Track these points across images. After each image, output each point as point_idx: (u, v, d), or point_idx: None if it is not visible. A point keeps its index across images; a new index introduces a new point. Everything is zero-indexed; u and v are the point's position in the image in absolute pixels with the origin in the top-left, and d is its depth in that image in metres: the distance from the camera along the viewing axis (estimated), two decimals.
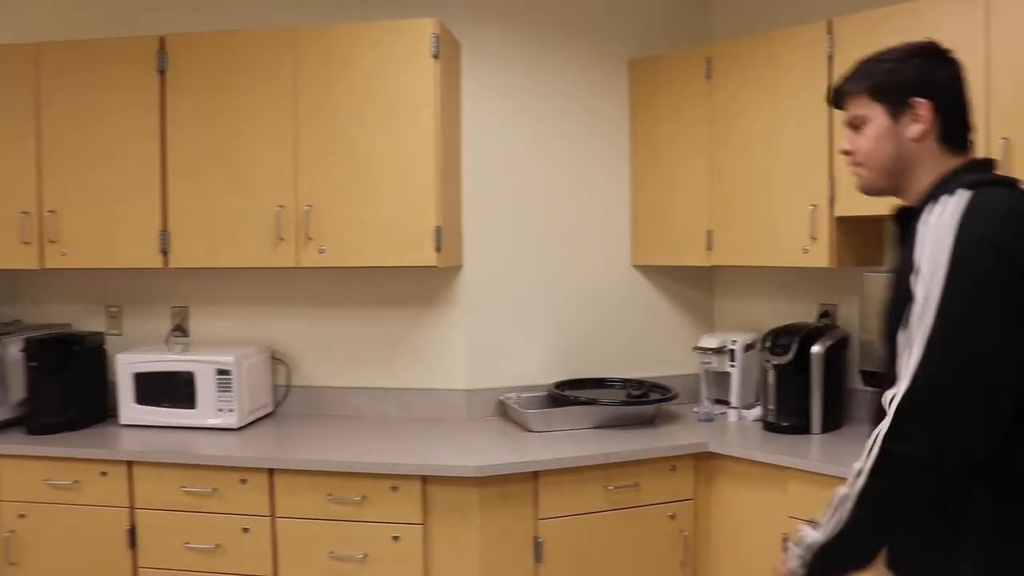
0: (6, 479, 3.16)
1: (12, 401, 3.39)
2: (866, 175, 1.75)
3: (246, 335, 3.63)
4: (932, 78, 1.67)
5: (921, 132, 1.65)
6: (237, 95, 3.21)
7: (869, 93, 1.71)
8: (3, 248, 3.43)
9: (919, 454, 1.43)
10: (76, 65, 3.36)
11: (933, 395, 1.42)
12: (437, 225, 3.08)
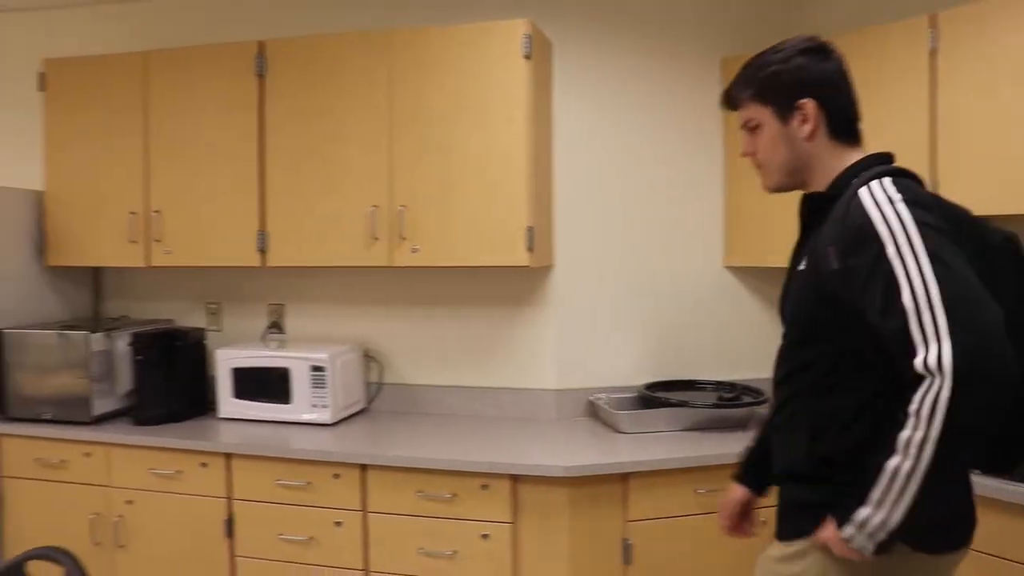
0: (116, 467, 3.29)
1: (119, 393, 3.53)
2: (769, 175, 1.83)
3: (340, 333, 3.70)
4: (815, 77, 1.73)
5: (811, 131, 1.73)
6: (333, 97, 3.27)
7: (756, 98, 1.78)
8: (113, 247, 3.58)
9: (988, 402, 1.42)
10: (181, 71, 3.47)
11: (980, 344, 1.42)
12: (529, 225, 3.09)
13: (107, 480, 3.31)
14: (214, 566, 3.16)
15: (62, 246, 3.70)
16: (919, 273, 1.48)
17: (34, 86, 3.78)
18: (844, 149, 1.75)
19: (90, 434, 3.31)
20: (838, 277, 1.59)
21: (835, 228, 1.61)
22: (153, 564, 3.26)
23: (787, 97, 1.74)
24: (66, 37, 4.08)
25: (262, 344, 3.60)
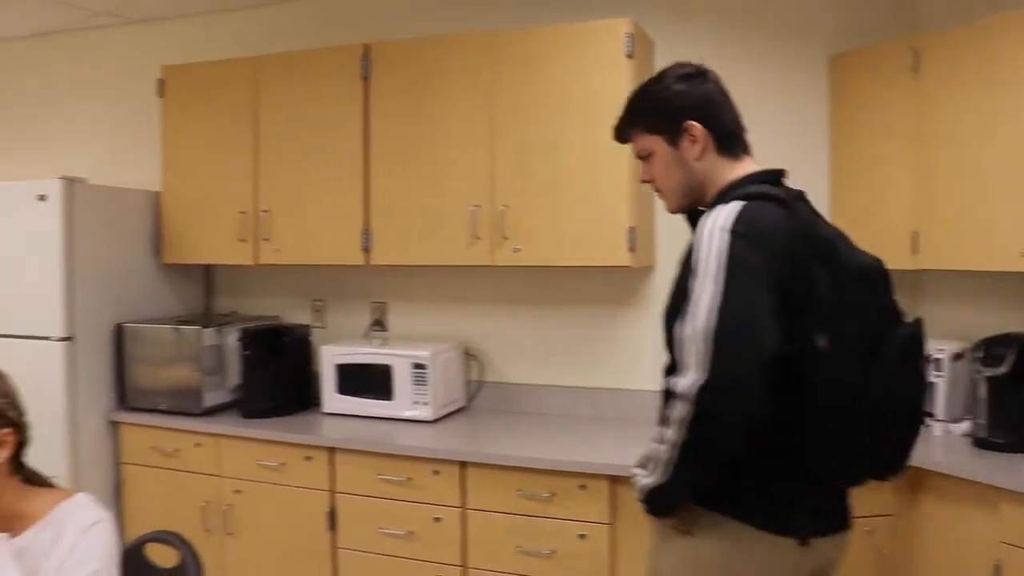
0: (225, 457, 3.41)
1: (229, 386, 3.66)
2: (669, 199, 1.96)
3: (441, 331, 3.74)
4: (696, 100, 1.87)
5: (700, 151, 1.86)
6: (436, 98, 3.32)
7: (644, 128, 1.92)
8: (223, 245, 3.71)
9: (720, 429, 1.65)
10: (289, 75, 3.58)
11: (721, 379, 1.61)
12: (631, 225, 3.07)
13: (217, 470, 3.43)
14: (317, 556, 3.25)
15: (176, 245, 3.85)
16: (706, 306, 1.64)
17: (154, 92, 3.94)
18: (732, 164, 1.88)
19: (201, 425, 3.44)
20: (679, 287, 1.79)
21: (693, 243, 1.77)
22: (260, 552, 3.36)
23: (673, 122, 1.87)
24: (183, 45, 4.24)
25: (365, 341, 3.67)
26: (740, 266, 1.64)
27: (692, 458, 1.70)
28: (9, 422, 1.72)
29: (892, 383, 1.72)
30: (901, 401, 1.75)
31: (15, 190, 3.57)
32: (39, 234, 3.49)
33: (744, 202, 1.72)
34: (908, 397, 1.77)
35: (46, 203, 3.49)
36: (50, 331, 3.51)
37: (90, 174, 3.75)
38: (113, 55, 4.53)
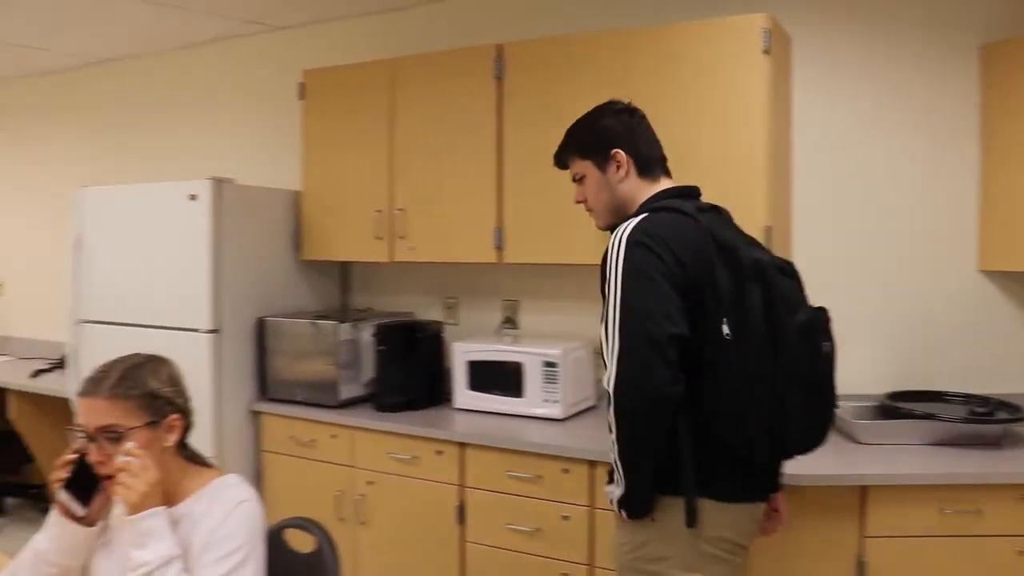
0: (359, 449, 3.50)
1: (363, 380, 3.76)
2: (598, 216, 2.29)
3: (572, 329, 3.75)
4: (620, 132, 2.21)
5: (624, 174, 2.20)
6: (569, 97, 3.31)
7: (578, 155, 2.26)
8: (360, 243, 3.82)
9: (635, 410, 1.91)
10: (424, 76, 3.65)
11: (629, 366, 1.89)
12: (767, 225, 3.00)
13: (351, 461, 3.53)
14: (446, 549, 3.30)
15: (315, 242, 3.99)
16: (614, 307, 1.96)
17: (295, 96, 4.08)
18: (651, 184, 2.21)
19: (337, 417, 3.55)
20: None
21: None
22: (390, 542, 3.44)
23: (602, 149, 2.21)
24: (323, 50, 4.39)
25: (496, 338, 3.71)
26: (637, 270, 1.94)
27: (631, 447, 1.96)
28: (177, 409, 1.84)
29: (795, 363, 1.98)
30: (806, 379, 2.00)
31: (169, 191, 3.77)
32: (190, 232, 3.67)
33: (647, 214, 2.05)
34: (812, 375, 2.01)
35: (196, 202, 3.67)
36: (199, 324, 3.69)
37: (237, 175, 3.92)
38: (258, 61, 4.73)
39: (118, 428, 1.75)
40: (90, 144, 5.70)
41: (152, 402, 1.79)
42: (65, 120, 5.84)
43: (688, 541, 2.01)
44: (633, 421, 1.92)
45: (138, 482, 1.69)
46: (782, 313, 2.00)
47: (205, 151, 5.00)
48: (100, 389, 1.77)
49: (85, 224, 4.12)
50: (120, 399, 1.76)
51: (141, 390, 1.79)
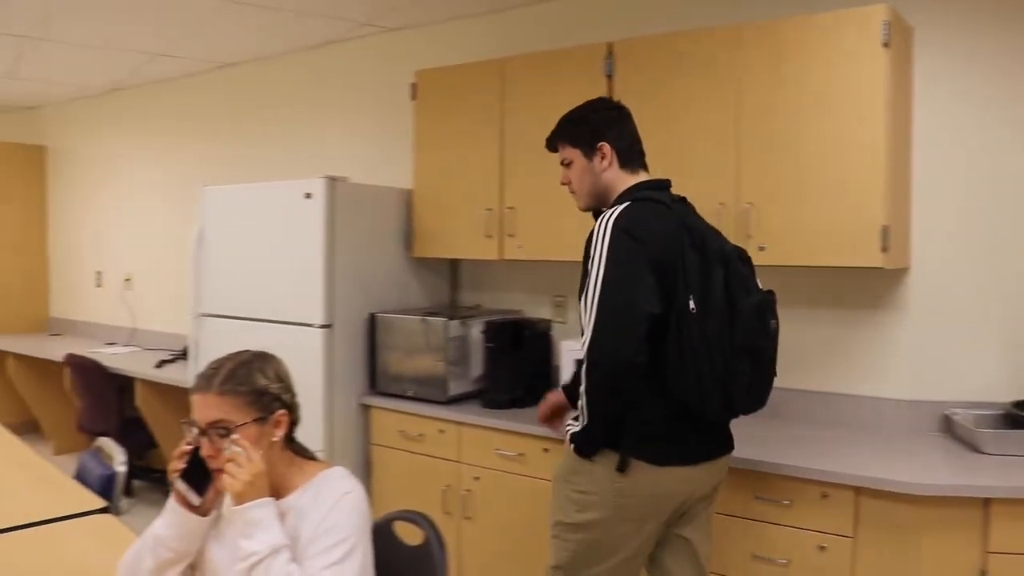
0: (466, 445, 3.54)
1: (471, 376, 3.80)
2: (580, 199, 2.58)
3: None
4: (607, 126, 2.51)
5: (607, 164, 2.49)
6: (680, 95, 3.28)
7: (569, 143, 2.54)
8: (469, 241, 3.85)
9: (604, 375, 2.26)
10: (534, 75, 3.66)
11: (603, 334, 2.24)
12: (884, 224, 2.90)
13: (458, 456, 3.57)
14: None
15: (426, 239, 4.05)
16: (595, 283, 2.27)
17: (406, 95, 4.16)
18: (630, 175, 2.51)
19: (445, 412, 3.60)
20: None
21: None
22: (495, 537, 3.47)
23: (590, 141, 2.50)
24: (434, 50, 4.45)
25: None
26: (620, 251, 2.26)
27: (597, 400, 2.31)
28: (284, 405, 1.88)
29: (746, 336, 2.29)
30: (755, 350, 2.31)
31: (285, 189, 3.89)
32: (305, 229, 3.78)
33: (630, 203, 2.37)
34: (760, 348, 2.33)
35: (311, 201, 3.77)
36: (313, 319, 3.79)
37: (350, 173, 4.01)
38: (370, 63, 4.83)
39: (227, 423, 1.80)
40: (212, 145, 5.93)
41: (260, 399, 1.84)
42: (190, 122, 6.09)
43: (609, 489, 2.35)
44: (601, 380, 2.28)
45: (242, 472, 1.74)
46: (740, 294, 2.31)
47: (320, 150, 5.14)
48: (210, 386, 1.82)
49: (206, 221, 4.28)
50: (229, 395, 1.81)
51: (249, 387, 1.83)
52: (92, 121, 7.06)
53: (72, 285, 7.41)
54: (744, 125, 3.15)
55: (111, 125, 6.86)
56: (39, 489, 2.83)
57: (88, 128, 7.12)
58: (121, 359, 5.64)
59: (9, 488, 2.87)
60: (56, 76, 6.22)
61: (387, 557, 2.02)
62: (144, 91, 6.48)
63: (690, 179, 3.23)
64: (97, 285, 7.09)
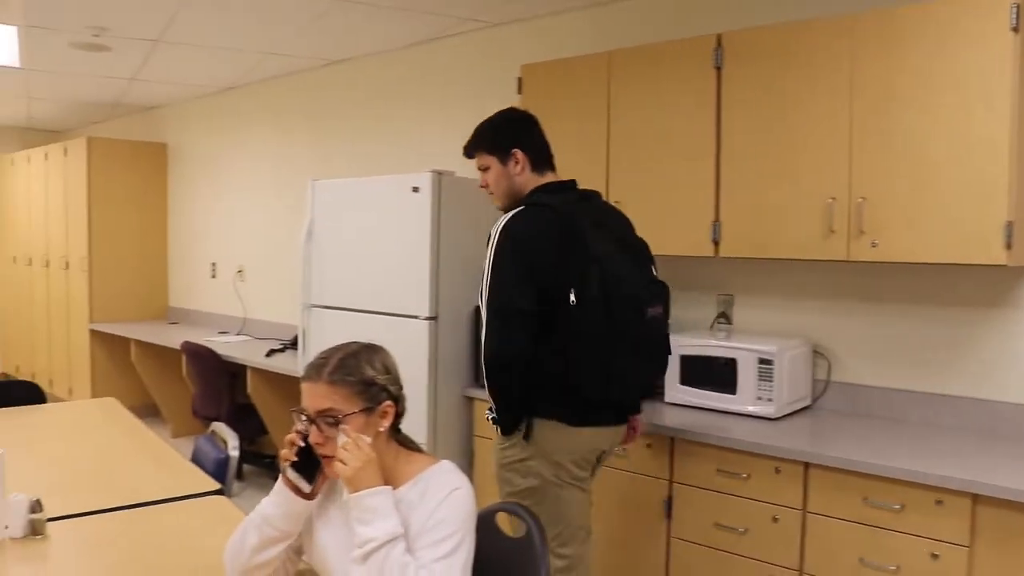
0: None
1: None
2: (498, 199, 2.87)
3: (788, 326, 3.63)
4: (521, 134, 2.84)
5: (520, 169, 2.81)
6: (791, 87, 3.21)
7: (486, 150, 2.85)
8: None
9: (498, 367, 2.64)
10: (640, 68, 3.62)
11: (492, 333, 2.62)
12: (1009, 220, 2.77)
13: None
14: (651, 542, 3.29)
15: None
16: (485, 286, 2.66)
17: (512, 90, 4.17)
18: (538, 177, 2.83)
19: None
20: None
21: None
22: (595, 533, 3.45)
23: (505, 148, 2.82)
24: (539, 44, 4.46)
25: (710, 333, 3.65)
26: (503, 254, 2.62)
27: (497, 388, 2.67)
28: (391, 396, 1.91)
29: (623, 325, 2.60)
30: (632, 337, 2.64)
31: (392, 183, 3.96)
32: (411, 222, 3.84)
33: (521, 208, 2.69)
34: (637, 335, 2.65)
35: (418, 194, 3.83)
36: (418, 311, 3.85)
37: (456, 168, 4.05)
38: (475, 58, 4.87)
39: (335, 413, 1.84)
40: (321, 140, 6.08)
41: (367, 389, 1.87)
42: (299, 118, 6.25)
43: (534, 450, 2.69)
44: (496, 371, 2.65)
45: (354, 459, 1.78)
46: (614, 287, 2.59)
47: (425, 145, 5.21)
48: (320, 375, 1.86)
49: (316, 215, 4.39)
50: (338, 385, 1.85)
51: (357, 377, 1.87)
52: (208, 119, 7.32)
53: (188, 276, 7.71)
54: (858, 117, 3.06)
55: (226, 122, 7.10)
56: (159, 470, 2.96)
57: (204, 126, 7.39)
58: (233, 347, 5.84)
59: (133, 468, 3.01)
60: (176, 77, 6.48)
61: (488, 548, 2.03)
62: (256, 89, 6.68)
63: (801, 172, 3.18)
64: (212, 276, 7.36)
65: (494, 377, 2.66)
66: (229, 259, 7.13)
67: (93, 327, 7.44)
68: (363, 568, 1.73)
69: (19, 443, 3.16)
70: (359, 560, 1.74)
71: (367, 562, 1.73)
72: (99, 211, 7.54)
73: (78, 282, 7.69)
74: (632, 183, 3.66)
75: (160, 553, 2.20)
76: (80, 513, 2.45)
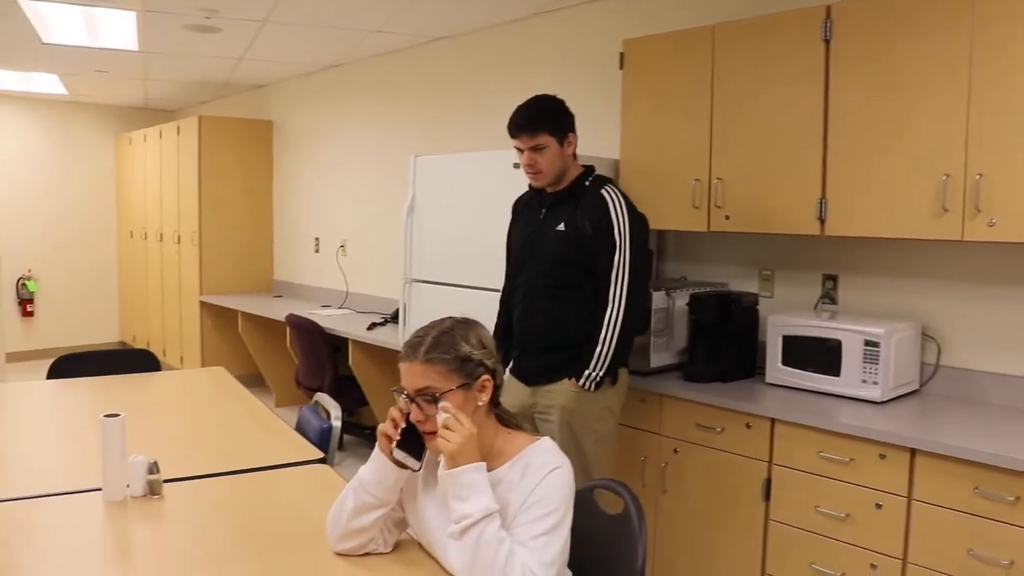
0: (666, 417, 3.52)
1: (674, 349, 3.76)
2: (544, 178, 3.20)
3: (896, 308, 3.51)
4: (573, 119, 3.24)
5: (572, 151, 3.22)
6: (904, 60, 3.08)
7: (548, 131, 3.14)
8: (676, 212, 3.80)
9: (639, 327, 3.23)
10: (746, 42, 3.54)
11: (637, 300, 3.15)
12: None
13: (657, 428, 3.56)
14: (748, 525, 3.25)
15: None
16: (624, 257, 3.07)
17: (614, 65, 4.14)
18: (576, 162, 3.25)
19: (646, 384, 3.58)
20: (590, 238, 3.11)
21: (589, 210, 3.14)
22: (691, 512, 3.44)
23: (565, 131, 3.19)
24: (642, 18, 4.40)
25: (814, 314, 3.56)
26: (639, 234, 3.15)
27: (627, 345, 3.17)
28: (488, 370, 1.93)
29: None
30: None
31: (492, 159, 3.97)
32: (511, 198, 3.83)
33: (615, 188, 3.22)
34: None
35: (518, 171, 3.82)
36: None
37: None
38: (577, 33, 4.83)
39: (433, 391, 1.86)
40: (422, 116, 6.14)
41: (464, 365, 1.89)
42: (401, 95, 6.32)
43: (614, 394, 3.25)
44: (637, 332, 3.20)
45: (455, 436, 1.79)
46: None
47: None
48: (416, 355, 1.88)
49: (417, 190, 4.45)
50: (434, 363, 1.87)
51: (453, 354, 1.88)
52: (312, 96, 7.47)
53: (293, 250, 7.91)
54: (976, 90, 2.91)
55: (329, 99, 7.24)
56: (266, 437, 3.06)
57: (308, 103, 7.54)
58: (336, 320, 5.98)
59: (241, 434, 3.12)
60: (282, 56, 6.63)
61: (586, 524, 2.04)
62: (360, 66, 6.79)
63: (912, 148, 3.07)
64: (315, 251, 7.54)
65: (630, 337, 3.13)
66: (332, 234, 7.28)
67: (203, 299, 7.72)
68: (459, 544, 1.76)
69: (137, 408, 3.31)
70: (455, 535, 1.77)
71: (463, 538, 1.75)
72: (208, 187, 7.80)
73: (189, 256, 7.98)
74: (735, 160, 3.59)
75: (267, 517, 2.28)
76: (193, 476, 2.56)
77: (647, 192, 3.90)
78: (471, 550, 1.73)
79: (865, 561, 2.90)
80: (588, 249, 3.11)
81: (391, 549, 2.03)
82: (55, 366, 4.07)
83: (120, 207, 9.79)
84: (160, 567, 1.98)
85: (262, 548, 2.06)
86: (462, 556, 1.75)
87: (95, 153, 9.71)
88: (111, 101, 9.41)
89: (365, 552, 1.99)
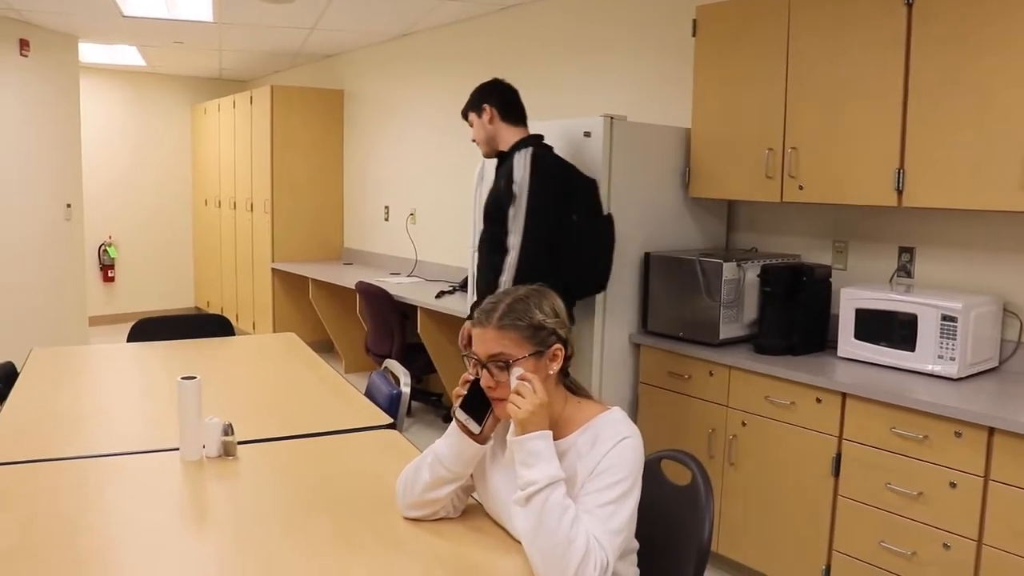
0: (735, 389, 3.49)
1: (745, 321, 3.72)
2: (481, 147, 3.71)
3: (975, 283, 3.41)
4: (490, 95, 3.66)
5: (489, 119, 3.63)
6: (991, 25, 2.96)
7: (470, 110, 3.68)
8: (748, 182, 3.74)
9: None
10: (822, 6, 3.44)
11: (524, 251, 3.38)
12: None
13: (725, 400, 3.53)
14: (816, 500, 3.21)
15: (703, 180, 3.97)
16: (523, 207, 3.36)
17: (687, 32, 4.07)
18: (514, 128, 3.63)
19: (715, 355, 3.56)
20: (503, 194, 3.43)
21: (506, 170, 3.46)
22: (759, 486, 3.41)
23: (479, 105, 3.64)
24: None
25: (888, 287, 3.48)
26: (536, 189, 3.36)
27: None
28: (560, 339, 1.92)
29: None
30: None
31: (565, 128, 3.94)
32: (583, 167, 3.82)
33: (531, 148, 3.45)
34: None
35: (590, 139, 3.81)
36: None
37: (628, 112, 4.00)
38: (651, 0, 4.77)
39: (506, 357, 1.86)
40: None
41: (536, 333, 1.89)
42: (472, 63, 6.31)
43: None
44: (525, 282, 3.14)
45: (527, 403, 1.79)
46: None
47: (597, 90, 5.16)
48: (489, 320, 1.89)
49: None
50: (507, 330, 1.87)
51: (527, 322, 1.88)
52: (382, 66, 7.51)
53: (363, 218, 7.99)
54: None
55: (399, 69, 7.26)
56: (336, 402, 3.11)
57: (379, 72, 7.58)
58: (405, 288, 6.03)
59: (312, 399, 3.17)
60: (354, 25, 6.67)
61: (653, 494, 2.03)
62: (430, 35, 6.79)
63: (996, 117, 2.95)
64: (385, 219, 7.60)
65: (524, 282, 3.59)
66: (402, 202, 7.34)
67: (275, 266, 7.86)
68: (524, 510, 1.77)
69: (212, 371, 3.39)
70: (521, 502, 1.77)
71: (528, 505, 1.76)
72: (281, 156, 7.91)
73: (262, 223, 8.12)
74: (810, 128, 3.51)
75: (338, 479, 2.32)
76: (267, 438, 2.62)
77: (719, 162, 3.85)
78: (535, 516, 1.74)
79: (938, 541, 2.85)
80: (502, 204, 3.42)
81: (459, 515, 2.05)
82: (135, 329, 4.20)
83: (195, 176, 10.01)
84: (234, 525, 2.03)
85: (333, 509, 2.10)
86: (526, 522, 1.76)
87: (171, 123, 9.93)
88: (187, 72, 9.60)
89: (434, 518, 2.02)
